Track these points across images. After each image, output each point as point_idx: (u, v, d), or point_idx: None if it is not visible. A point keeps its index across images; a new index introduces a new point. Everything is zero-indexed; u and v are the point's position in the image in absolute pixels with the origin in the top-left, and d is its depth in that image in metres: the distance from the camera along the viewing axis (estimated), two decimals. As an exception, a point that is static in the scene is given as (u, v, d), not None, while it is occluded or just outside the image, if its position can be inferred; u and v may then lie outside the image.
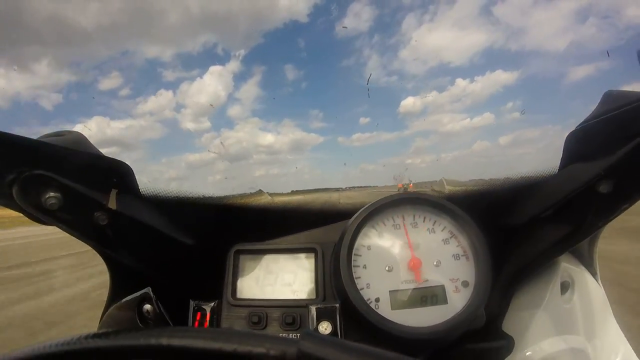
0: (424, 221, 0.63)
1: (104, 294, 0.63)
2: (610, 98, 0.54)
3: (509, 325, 0.65)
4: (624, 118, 0.50)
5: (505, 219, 0.66)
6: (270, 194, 0.91)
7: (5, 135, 0.44)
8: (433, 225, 0.63)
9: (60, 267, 6.48)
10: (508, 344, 0.62)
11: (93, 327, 0.59)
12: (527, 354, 0.61)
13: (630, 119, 0.49)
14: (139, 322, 0.54)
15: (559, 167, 0.61)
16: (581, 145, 0.57)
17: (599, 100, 0.56)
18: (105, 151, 0.56)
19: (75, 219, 0.50)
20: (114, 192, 0.51)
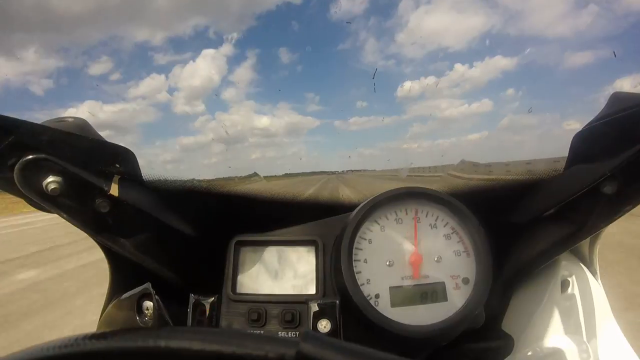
0: (426, 216, 0.62)
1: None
2: (618, 100, 0.54)
3: (509, 324, 0.65)
4: (631, 120, 0.49)
5: (508, 216, 0.65)
6: (265, 177, 0.91)
7: (7, 119, 0.44)
8: (435, 220, 0.62)
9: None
10: (508, 343, 0.63)
11: (94, 323, 0.59)
12: (527, 353, 0.61)
13: (636, 122, 0.49)
14: (138, 319, 0.54)
15: (564, 167, 0.60)
16: (587, 146, 0.57)
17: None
18: (99, 135, 0.56)
19: (77, 205, 0.49)
20: (116, 178, 0.51)
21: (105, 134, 0.55)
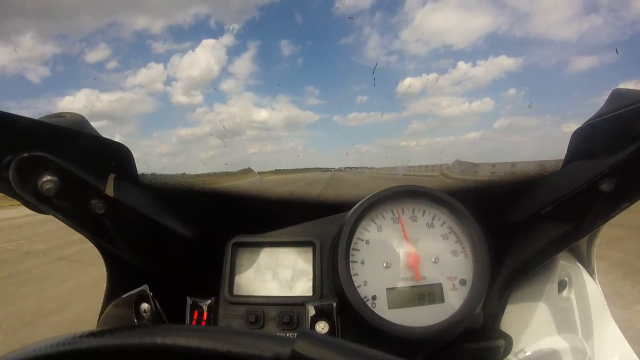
0: (423, 215, 0.62)
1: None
2: (618, 96, 0.54)
3: (507, 324, 0.65)
4: (630, 117, 0.49)
5: (506, 214, 0.65)
6: (259, 173, 0.91)
7: (2, 114, 0.43)
8: (432, 219, 0.62)
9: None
10: (506, 343, 0.62)
11: (92, 324, 0.59)
12: (525, 353, 0.61)
13: (636, 119, 0.49)
14: (135, 320, 0.54)
15: (563, 163, 0.60)
16: (586, 143, 0.57)
17: (598, 93, 0.56)
18: (95, 125, 0.55)
19: (72, 206, 0.49)
20: (112, 177, 0.50)
21: (102, 124, 0.54)
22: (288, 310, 0.60)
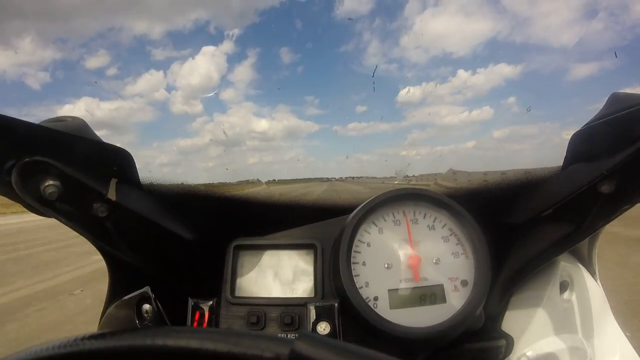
0: (424, 218, 0.62)
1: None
2: (616, 100, 0.54)
3: (508, 324, 0.65)
4: (629, 120, 0.50)
5: (506, 217, 0.65)
6: (266, 183, 0.92)
7: (5, 118, 0.43)
8: (433, 222, 0.62)
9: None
10: (507, 343, 0.62)
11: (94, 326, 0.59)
12: (527, 353, 0.61)
13: (635, 121, 0.49)
14: (137, 321, 0.54)
15: (562, 166, 0.61)
16: (585, 146, 0.57)
17: (598, 100, 0.56)
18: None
19: (74, 210, 0.49)
20: (113, 182, 0.50)
21: (102, 134, 0.54)
22: (289, 311, 0.60)
